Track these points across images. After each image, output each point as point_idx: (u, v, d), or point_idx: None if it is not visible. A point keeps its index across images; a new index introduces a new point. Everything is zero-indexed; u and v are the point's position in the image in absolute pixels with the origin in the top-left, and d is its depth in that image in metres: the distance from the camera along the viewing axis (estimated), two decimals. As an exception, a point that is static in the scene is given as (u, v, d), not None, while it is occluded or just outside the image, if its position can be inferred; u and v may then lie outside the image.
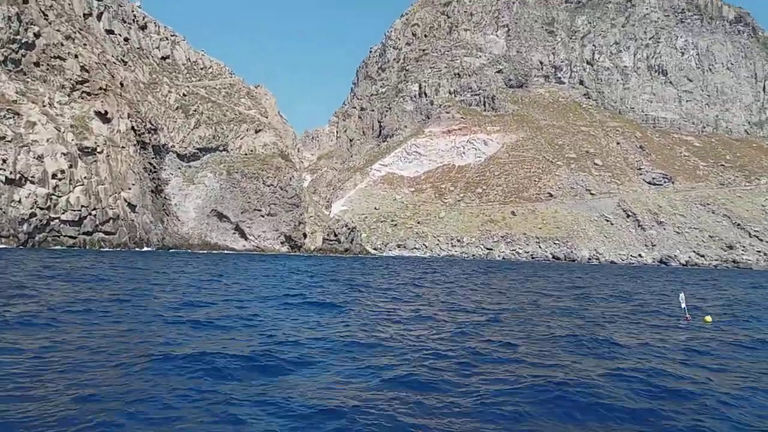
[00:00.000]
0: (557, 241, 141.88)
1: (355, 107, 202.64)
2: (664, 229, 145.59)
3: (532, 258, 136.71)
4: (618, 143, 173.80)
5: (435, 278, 41.83)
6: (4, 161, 60.76)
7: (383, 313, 18.33)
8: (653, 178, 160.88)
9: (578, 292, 32.11)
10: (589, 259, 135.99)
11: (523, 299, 25.95)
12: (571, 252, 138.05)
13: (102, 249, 66.94)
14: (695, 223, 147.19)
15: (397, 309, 19.62)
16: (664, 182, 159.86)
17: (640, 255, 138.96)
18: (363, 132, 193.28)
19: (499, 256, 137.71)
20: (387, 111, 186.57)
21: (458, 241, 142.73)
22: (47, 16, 75.14)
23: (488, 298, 26.24)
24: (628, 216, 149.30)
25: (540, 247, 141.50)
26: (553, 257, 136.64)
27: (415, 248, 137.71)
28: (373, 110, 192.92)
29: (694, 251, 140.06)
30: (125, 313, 15.63)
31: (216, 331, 13.66)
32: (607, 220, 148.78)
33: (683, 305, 20.31)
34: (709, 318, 19.50)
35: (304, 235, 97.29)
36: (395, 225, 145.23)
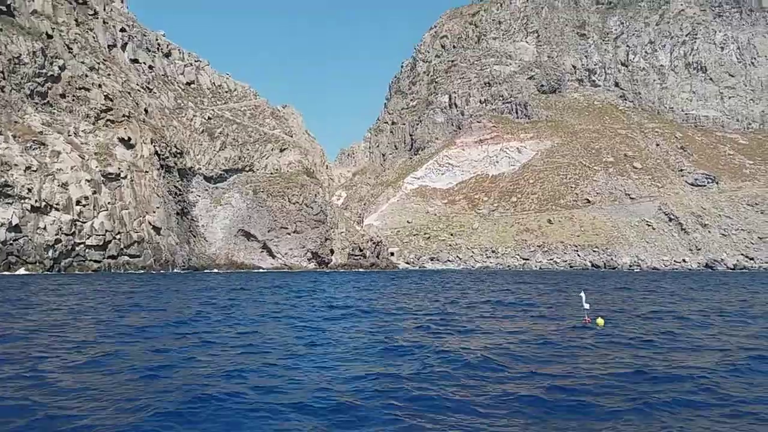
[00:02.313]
0: (596, 249, 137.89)
1: (386, 122, 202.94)
2: (709, 232, 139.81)
3: (570, 267, 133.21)
4: (657, 145, 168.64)
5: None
6: (30, 190, 62.72)
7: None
8: (696, 179, 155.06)
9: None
10: (630, 266, 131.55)
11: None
12: (611, 259, 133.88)
13: (127, 272, 68.16)
14: (743, 224, 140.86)
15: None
16: (708, 183, 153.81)
17: (684, 260, 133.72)
18: (395, 146, 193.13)
19: (535, 266, 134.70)
20: (418, 124, 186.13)
21: (493, 252, 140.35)
22: (71, 49, 77.79)
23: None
24: (671, 220, 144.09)
25: (578, 255, 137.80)
26: (593, 265, 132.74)
27: (449, 261, 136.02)
28: (404, 124, 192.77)
29: (742, 254, 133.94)
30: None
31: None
32: (649, 225, 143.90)
33: (585, 306, 18.85)
34: (601, 321, 17.82)
35: (331, 251, 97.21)
36: (428, 238, 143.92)
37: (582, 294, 19.34)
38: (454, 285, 47.07)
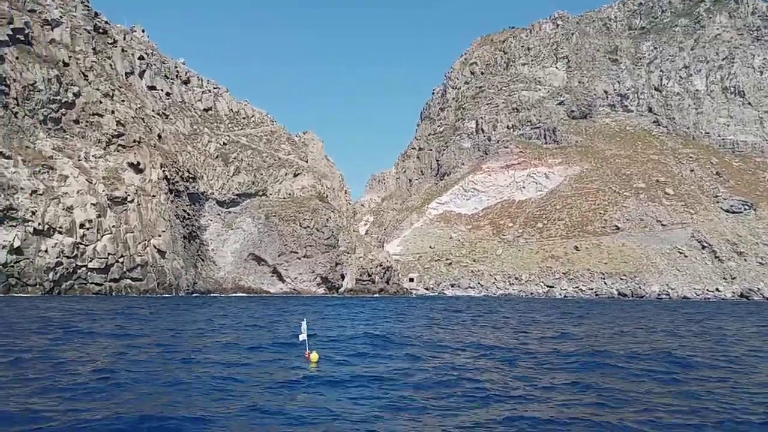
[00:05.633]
0: (624, 277, 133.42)
1: (414, 148, 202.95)
2: (745, 260, 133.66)
3: (597, 295, 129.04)
4: (692, 170, 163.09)
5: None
6: (34, 213, 64.30)
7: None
8: (732, 206, 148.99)
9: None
10: (659, 294, 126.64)
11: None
12: (640, 287, 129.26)
13: (129, 295, 68.85)
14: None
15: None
16: (745, 210, 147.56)
17: (717, 289, 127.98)
18: (421, 172, 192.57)
19: (560, 293, 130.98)
20: (444, 149, 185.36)
21: (516, 278, 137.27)
22: (87, 76, 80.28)
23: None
24: (704, 247, 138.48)
25: (605, 283, 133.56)
26: (620, 294, 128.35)
27: (470, 287, 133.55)
28: (431, 149, 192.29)
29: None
30: None
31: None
32: (680, 252, 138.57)
33: (303, 337, 16.44)
34: (315, 356, 15.52)
35: (342, 276, 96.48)
36: (450, 264, 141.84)
37: (303, 323, 16.89)
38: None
